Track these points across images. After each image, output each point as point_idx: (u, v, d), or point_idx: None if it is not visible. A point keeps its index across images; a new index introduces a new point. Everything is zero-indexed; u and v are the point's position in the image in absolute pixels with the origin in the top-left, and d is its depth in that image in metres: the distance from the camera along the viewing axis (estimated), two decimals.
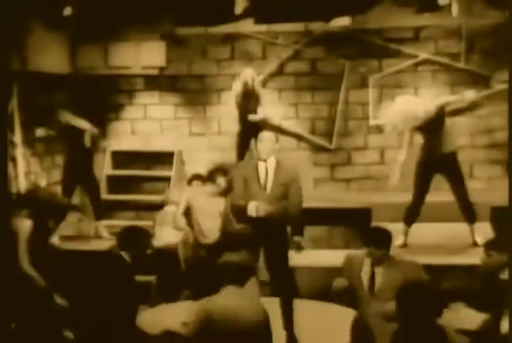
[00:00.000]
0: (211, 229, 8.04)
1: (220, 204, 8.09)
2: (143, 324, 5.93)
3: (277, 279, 6.80)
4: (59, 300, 6.16)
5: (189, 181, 8.75)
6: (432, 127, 7.88)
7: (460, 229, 8.17)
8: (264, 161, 6.72)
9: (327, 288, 5.98)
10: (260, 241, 6.67)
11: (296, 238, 6.75)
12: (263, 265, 6.83)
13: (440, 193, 8.15)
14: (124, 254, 5.67)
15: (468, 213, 8.02)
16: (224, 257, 5.07)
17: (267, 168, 6.71)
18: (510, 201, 4.60)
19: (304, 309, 7.34)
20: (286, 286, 6.84)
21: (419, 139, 8.10)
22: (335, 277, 5.91)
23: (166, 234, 8.45)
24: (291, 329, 6.82)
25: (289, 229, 6.84)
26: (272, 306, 6.04)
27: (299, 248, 6.74)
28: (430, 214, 8.15)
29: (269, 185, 6.68)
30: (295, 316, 6.85)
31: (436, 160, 7.94)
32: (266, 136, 6.79)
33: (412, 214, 8.12)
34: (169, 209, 8.81)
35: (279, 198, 6.70)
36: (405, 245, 8.08)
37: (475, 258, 6.51)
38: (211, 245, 7.97)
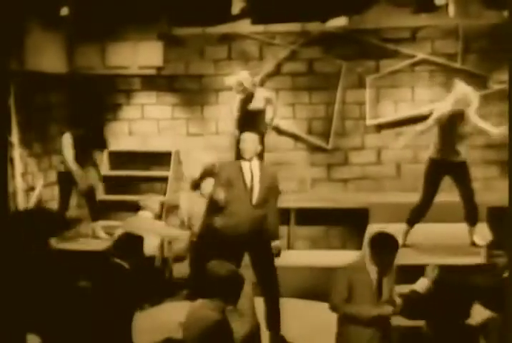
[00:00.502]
0: None
1: None
2: (141, 324, 5.92)
3: (264, 279, 6.81)
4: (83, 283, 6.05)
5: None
6: (462, 130, 7.88)
7: (459, 229, 8.17)
8: (249, 161, 6.75)
9: (324, 288, 5.98)
10: (244, 243, 6.69)
11: (276, 242, 6.82)
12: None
13: (440, 193, 8.15)
14: (120, 261, 5.65)
15: (471, 215, 8.02)
16: (210, 267, 4.90)
17: (251, 170, 6.74)
18: (510, 201, 4.60)
19: (301, 308, 7.38)
20: (273, 286, 6.85)
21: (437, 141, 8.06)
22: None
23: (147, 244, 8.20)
24: (278, 329, 6.83)
25: None
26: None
27: (279, 252, 6.83)
28: (429, 214, 8.14)
29: (256, 188, 6.71)
30: (289, 317, 6.88)
31: (449, 163, 7.92)
32: (249, 137, 6.84)
33: (417, 215, 8.06)
34: (143, 214, 8.67)
35: (265, 200, 6.75)
36: (403, 245, 8.06)
37: (474, 258, 6.52)
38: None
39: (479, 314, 4.75)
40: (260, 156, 7.25)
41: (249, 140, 6.79)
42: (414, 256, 7.68)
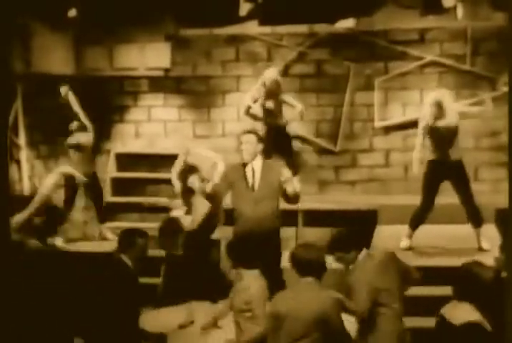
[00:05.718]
0: None
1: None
2: (145, 325, 5.89)
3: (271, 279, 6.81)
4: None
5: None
6: (448, 133, 7.86)
7: (465, 231, 8.13)
8: (251, 162, 6.90)
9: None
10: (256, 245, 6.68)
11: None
12: None
13: (445, 195, 8.11)
14: (124, 257, 5.63)
15: (474, 217, 7.97)
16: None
17: (253, 169, 6.88)
18: (510, 202, 4.58)
19: None
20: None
21: (429, 145, 8.04)
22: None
23: None
24: None
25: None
26: None
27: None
28: (435, 216, 8.11)
29: (256, 185, 6.85)
30: None
31: (445, 166, 7.90)
32: (247, 139, 6.98)
33: (418, 219, 8.05)
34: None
35: (267, 197, 6.84)
36: (409, 248, 8.04)
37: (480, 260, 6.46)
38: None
39: (467, 314, 4.69)
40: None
41: (248, 142, 6.93)
42: (418, 258, 7.63)
